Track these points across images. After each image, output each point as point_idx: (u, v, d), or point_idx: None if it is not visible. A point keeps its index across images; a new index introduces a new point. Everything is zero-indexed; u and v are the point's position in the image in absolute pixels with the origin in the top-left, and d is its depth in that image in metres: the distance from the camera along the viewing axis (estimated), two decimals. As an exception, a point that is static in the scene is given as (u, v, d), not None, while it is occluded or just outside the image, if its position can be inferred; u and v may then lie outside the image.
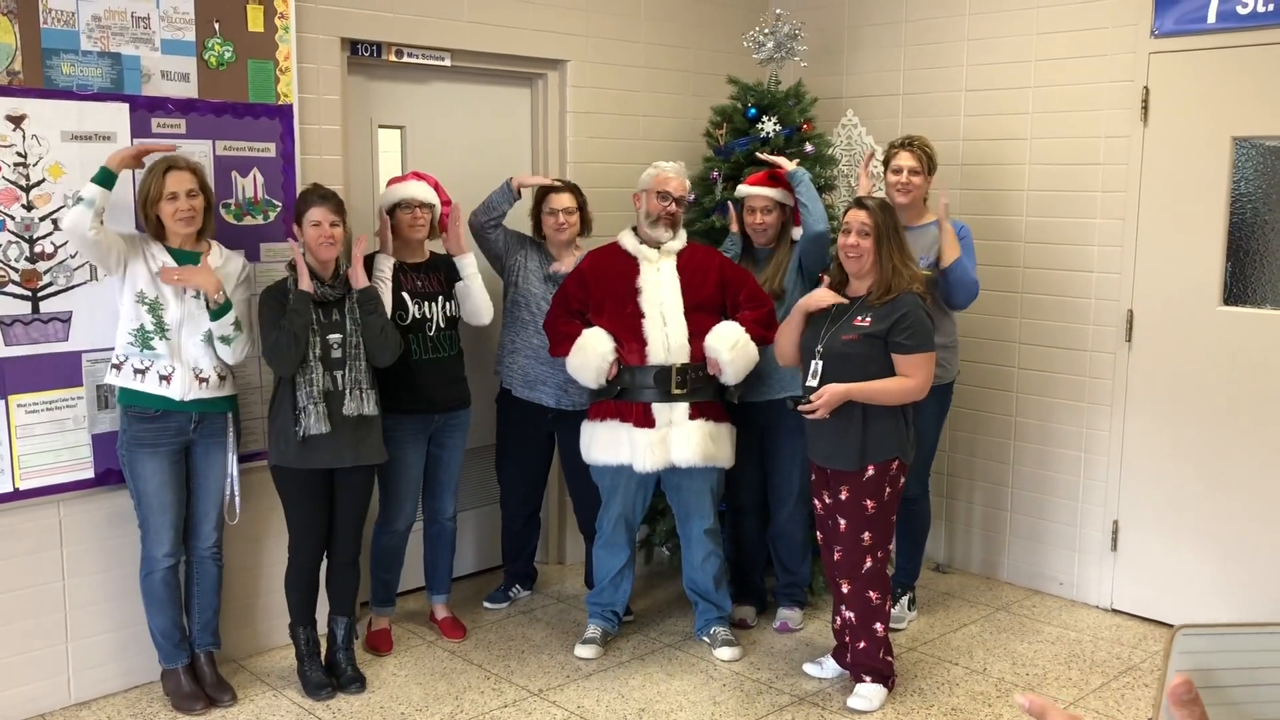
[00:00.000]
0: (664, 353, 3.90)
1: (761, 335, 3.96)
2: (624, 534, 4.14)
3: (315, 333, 3.60)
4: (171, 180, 3.44)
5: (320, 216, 3.61)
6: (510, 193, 4.28)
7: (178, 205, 3.44)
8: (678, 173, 4.10)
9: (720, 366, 3.89)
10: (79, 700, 3.71)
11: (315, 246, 3.62)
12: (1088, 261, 4.56)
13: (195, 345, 3.54)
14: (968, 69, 4.87)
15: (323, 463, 3.65)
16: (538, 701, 3.78)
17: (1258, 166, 4.14)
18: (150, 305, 3.47)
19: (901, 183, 4.16)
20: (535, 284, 4.33)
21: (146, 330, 3.48)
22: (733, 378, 3.93)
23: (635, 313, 3.94)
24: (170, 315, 3.50)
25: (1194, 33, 4.18)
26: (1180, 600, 4.41)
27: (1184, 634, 0.78)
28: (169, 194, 3.43)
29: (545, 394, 4.34)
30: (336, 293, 3.67)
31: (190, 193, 3.46)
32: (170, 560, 3.60)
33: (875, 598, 3.69)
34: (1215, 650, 0.78)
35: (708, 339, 3.91)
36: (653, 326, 3.93)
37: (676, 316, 3.94)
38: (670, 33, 5.14)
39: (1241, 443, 4.19)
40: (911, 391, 3.56)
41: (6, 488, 3.49)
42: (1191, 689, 0.76)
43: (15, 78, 3.38)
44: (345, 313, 3.68)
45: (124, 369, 3.49)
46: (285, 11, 3.91)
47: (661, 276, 3.99)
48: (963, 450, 5.04)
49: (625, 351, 3.93)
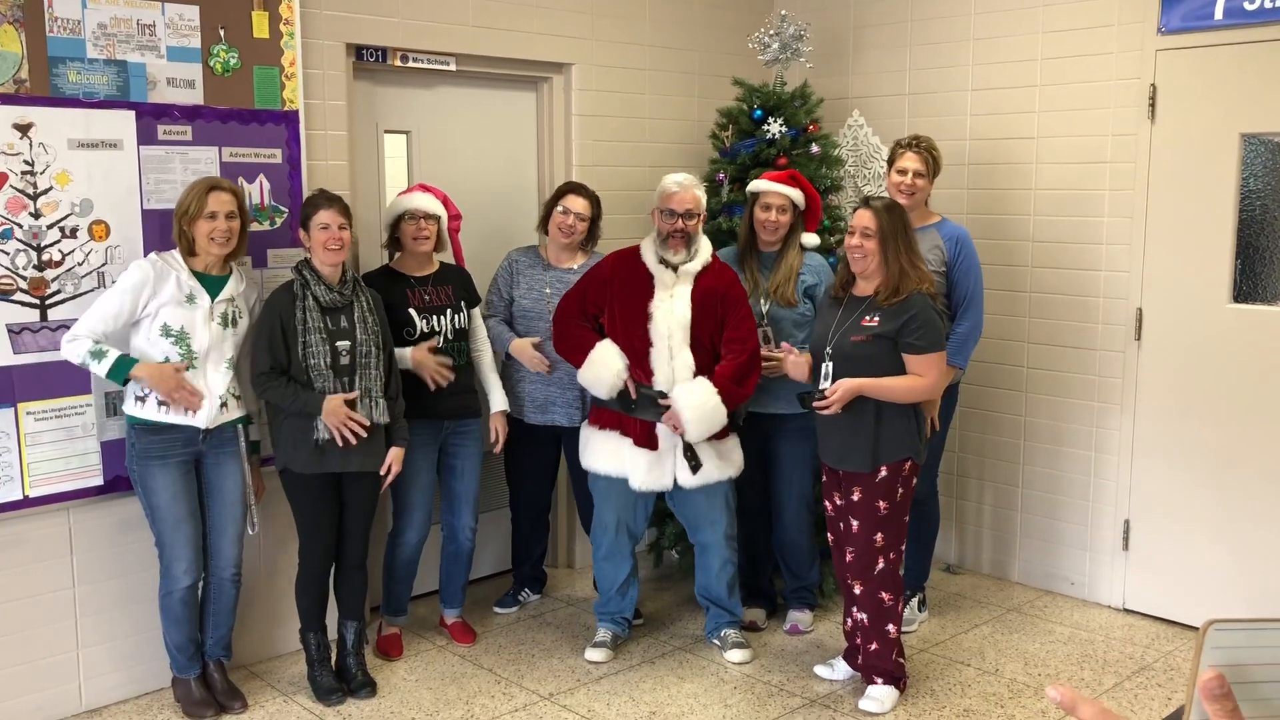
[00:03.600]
0: (668, 385, 3.86)
1: (733, 392, 3.85)
2: (626, 544, 4.11)
3: (324, 340, 3.60)
4: (213, 200, 3.42)
5: (329, 219, 3.60)
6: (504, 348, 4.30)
7: (215, 225, 3.43)
8: (683, 185, 3.94)
9: (682, 424, 3.78)
10: (90, 707, 3.71)
11: (322, 249, 3.61)
12: (1096, 260, 4.54)
13: (219, 374, 3.52)
14: (973, 68, 4.86)
15: (331, 467, 3.64)
16: (548, 706, 3.77)
17: (1266, 163, 4.12)
18: (177, 337, 3.45)
19: (906, 184, 4.13)
20: (530, 301, 4.29)
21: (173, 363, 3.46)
22: (694, 436, 3.82)
23: (644, 338, 3.89)
24: (198, 344, 3.48)
25: (1201, 29, 4.16)
26: (1193, 599, 4.39)
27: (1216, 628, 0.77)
28: (209, 213, 3.42)
29: (559, 414, 4.32)
30: (344, 299, 3.66)
31: (230, 214, 3.45)
32: (189, 579, 3.57)
33: (888, 599, 3.67)
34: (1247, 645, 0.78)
35: (674, 393, 3.81)
36: (659, 359, 3.87)
37: (683, 350, 3.87)
38: (675, 35, 5.14)
39: (1252, 440, 4.17)
40: (924, 390, 3.55)
41: (16, 495, 3.49)
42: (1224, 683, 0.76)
43: (22, 86, 3.39)
44: (355, 320, 3.65)
45: (148, 401, 3.45)
46: (290, 17, 3.91)
47: (674, 305, 3.88)
48: (973, 450, 5.03)
49: (634, 373, 3.90)
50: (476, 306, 4.17)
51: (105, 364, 3.37)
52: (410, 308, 3.96)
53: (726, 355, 3.90)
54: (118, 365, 3.37)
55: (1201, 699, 0.77)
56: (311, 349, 3.58)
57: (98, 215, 3.57)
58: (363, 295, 3.71)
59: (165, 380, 3.41)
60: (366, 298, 3.72)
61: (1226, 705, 0.76)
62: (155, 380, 3.41)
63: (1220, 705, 0.76)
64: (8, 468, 3.47)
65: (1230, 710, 0.76)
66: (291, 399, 3.56)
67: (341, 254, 3.63)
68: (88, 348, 3.37)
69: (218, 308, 3.51)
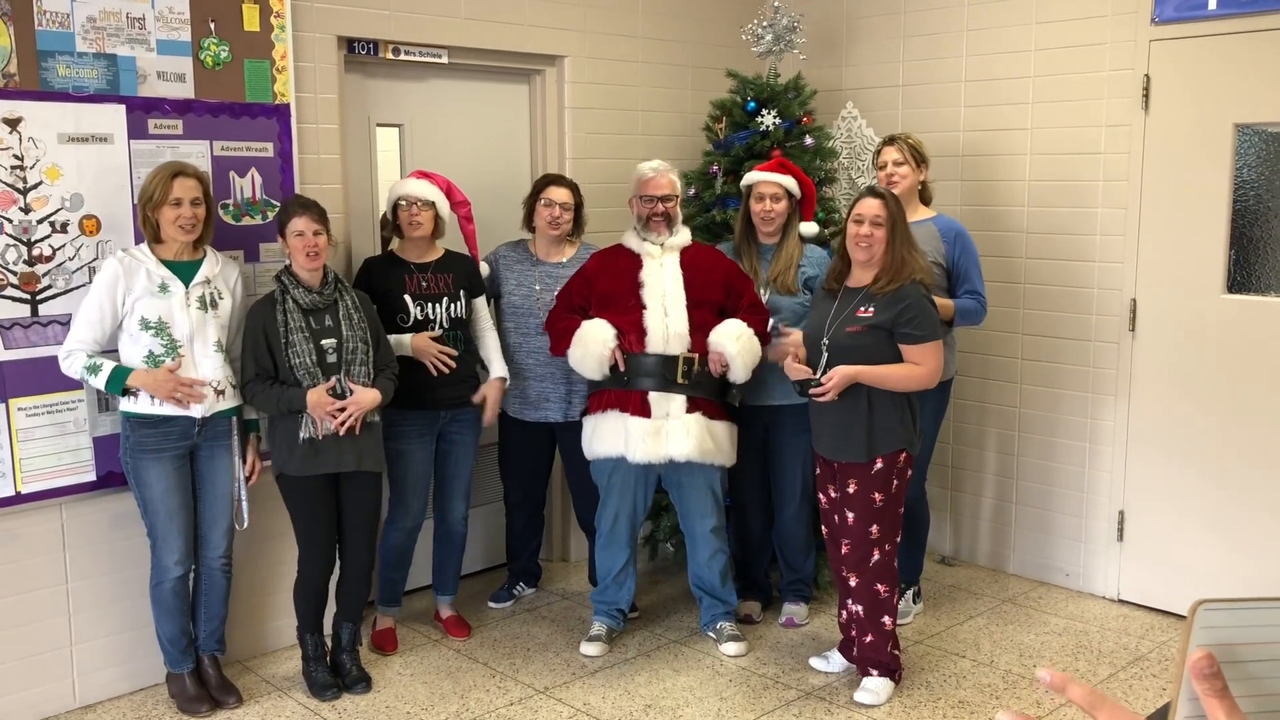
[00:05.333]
0: (663, 343, 3.87)
1: (763, 333, 3.97)
2: (625, 533, 4.12)
3: (307, 339, 3.57)
4: (178, 186, 3.40)
5: (303, 226, 3.56)
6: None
7: (180, 212, 3.40)
8: (658, 170, 4.06)
9: (728, 359, 3.86)
10: (84, 704, 3.70)
11: (301, 255, 3.57)
12: (1090, 251, 4.54)
13: (209, 358, 3.50)
14: (967, 59, 4.85)
15: (326, 467, 3.62)
16: (543, 699, 3.77)
17: (1260, 153, 4.12)
18: (157, 328, 3.43)
19: (886, 175, 4.17)
20: (519, 298, 4.27)
21: (156, 354, 3.43)
22: (741, 371, 3.88)
23: (637, 305, 3.92)
24: (180, 331, 3.46)
25: (1194, 19, 4.16)
26: (1187, 589, 4.39)
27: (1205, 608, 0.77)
28: (173, 199, 3.39)
29: (552, 410, 4.31)
30: (325, 299, 3.63)
31: (195, 200, 3.43)
32: (180, 569, 3.57)
33: (883, 591, 3.67)
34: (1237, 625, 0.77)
35: (713, 335, 3.89)
36: (654, 318, 3.90)
37: (678, 308, 3.91)
38: (668, 27, 5.12)
39: (1247, 430, 4.17)
40: (920, 379, 3.55)
41: (8, 491, 3.48)
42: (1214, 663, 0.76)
43: (11, 80, 3.37)
44: (339, 318, 3.63)
45: (141, 396, 3.44)
46: (281, 10, 3.89)
47: (665, 271, 3.97)
48: (967, 443, 5.03)
49: (625, 341, 3.90)
50: (480, 296, 4.16)
51: (101, 378, 3.38)
52: (405, 294, 3.95)
53: (745, 316, 3.97)
54: (113, 377, 3.37)
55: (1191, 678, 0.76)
56: (295, 348, 3.56)
57: (88, 210, 3.55)
58: (346, 295, 3.68)
59: (163, 384, 3.41)
60: (351, 297, 3.69)
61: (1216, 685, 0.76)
62: (152, 386, 3.40)
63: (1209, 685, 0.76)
64: (0, 464, 3.46)
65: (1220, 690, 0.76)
66: (275, 400, 3.55)
67: (319, 260, 3.60)
68: (83, 363, 3.38)
69: (193, 292, 3.48)
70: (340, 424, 3.57)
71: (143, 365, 3.42)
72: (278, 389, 3.55)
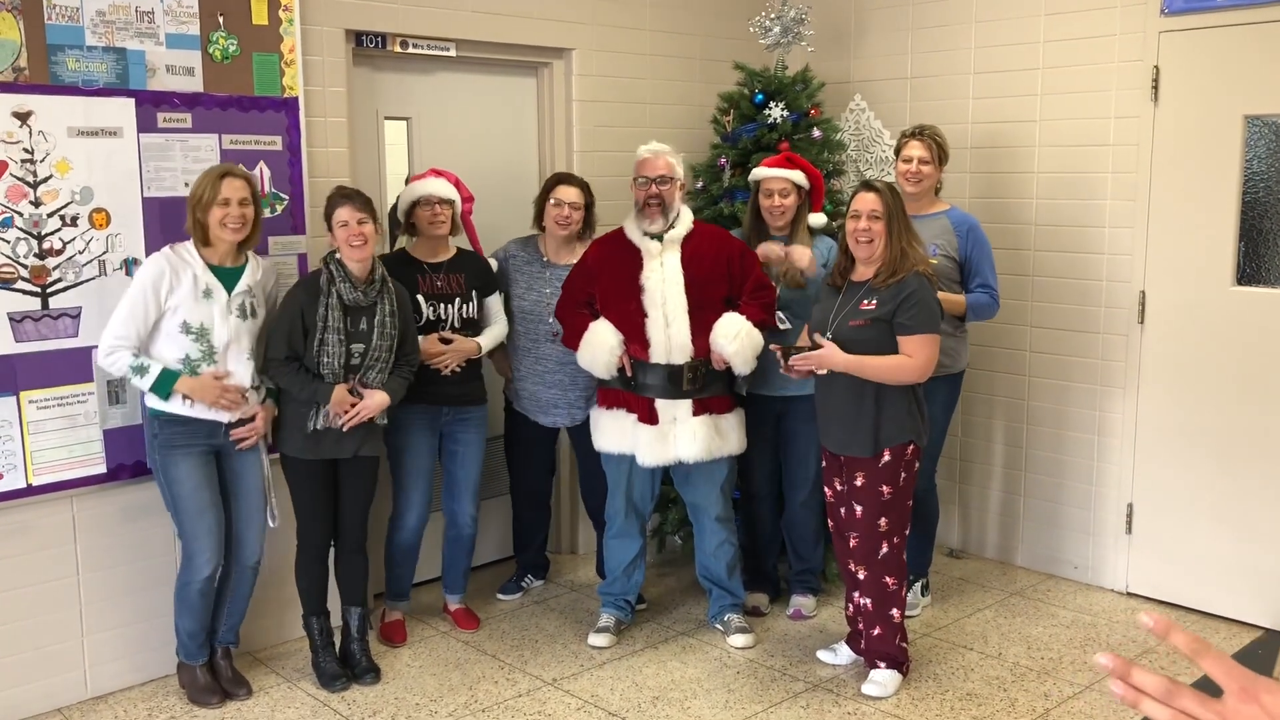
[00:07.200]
0: (665, 354, 3.87)
1: (763, 319, 3.93)
2: (635, 524, 4.13)
3: (340, 341, 3.59)
4: (226, 186, 3.41)
5: (346, 215, 3.57)
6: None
7: (228, 211, 3.41)
8: (655, 152, 3.99)
9: (728, 359, 3.86)
10: (95, 694, 3.73)
11: (347, 247, 3.58)
12: (1099, 243, 4.53)
13: (242, 366, 3.52)
14: (976, 51, 4.83)
15: (326, 454, 3.67)
16: (552, 691, 3.78)
17: (1270, 145, 4.10)
18: (197, 333, 3.44)
19: (911, 171, 4.14)
20: (530, 302, 4.25)
21: (193, 359, 3.44)
22: (743, 366, 3.89)
23: (638, 310, 3.89)
24: (218, 339, 3.47)
25: (1204, 10, 4.14)
26: (1196, 582, 4.39)
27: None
28: (222, 199, 3.40)
29: (560, 415, 4.33)
30: (368, 299, 3.64)
31: (243, 201, 3.44)
32: (209, 568, 3.57)
33: (892, 583, 3.67)
34: None
35: (712, 336, 3.86)
36: (655, 328, 3.87)
37: (679, 316, 3.87)
38: (676, 19, 5.12)
39: (1256, 423, 4.16)
40: (910, 370, 3.52)
41: (20, 484, 3.49)
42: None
43: (21, 74, 3.38)
44: (374, 324, 3.64)
45: (174, 397, 3.44)
46: (289, 4, 3.90)
47: (665, 273, 3.90)
48: (975, 435, 5.02)
49: (631, 348, 3.90)
50: (491, 295, 4.16)
51: (148, 380, 3.39)
52: (419, 294, 3.96)
53: (749, 299, 3.93)
54: (161, 380, 3.39)
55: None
56: (328, 348, 3.58)
57: (98, 203, 3.56)
58: (387, 299, 3.68)
59: (208, 391, 3.43)
60: (392, 299, 3.69)
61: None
62: (199, 393, 3.43)
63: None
64: (11, 456, 3.47)
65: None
66: (302, 386, 3.58)
67: (366, 250, 3.59)
68: (129, 362, 3.38)
69: (235, 300, 3.50)
70: (347, 423, 3.60)
71: (177, 368, 3.43)
72: (305, 376, 3.58)
